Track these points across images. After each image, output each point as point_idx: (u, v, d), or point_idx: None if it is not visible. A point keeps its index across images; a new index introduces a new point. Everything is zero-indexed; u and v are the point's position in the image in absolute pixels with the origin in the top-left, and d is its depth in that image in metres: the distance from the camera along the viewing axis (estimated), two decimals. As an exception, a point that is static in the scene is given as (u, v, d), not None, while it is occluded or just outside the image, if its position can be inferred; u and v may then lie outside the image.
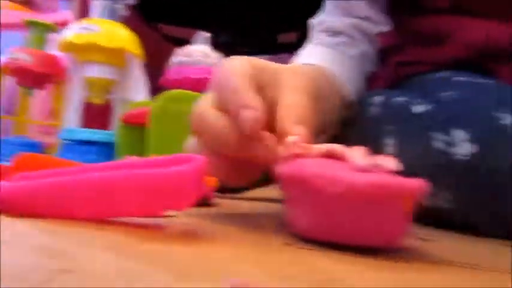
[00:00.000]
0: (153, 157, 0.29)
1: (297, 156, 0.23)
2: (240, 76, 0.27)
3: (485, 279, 0.20)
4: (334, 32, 0.52)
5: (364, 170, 0.22)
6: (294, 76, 0.30)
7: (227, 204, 0.47)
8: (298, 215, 0.23)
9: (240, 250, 0.19)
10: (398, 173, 0.24)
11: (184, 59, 0.74)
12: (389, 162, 0.23)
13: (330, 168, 0.22)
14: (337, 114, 0.47)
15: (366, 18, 0.52)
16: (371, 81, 0.56)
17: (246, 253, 0.19)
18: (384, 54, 0.56)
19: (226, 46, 1.38)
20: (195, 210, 0.35)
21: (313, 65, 0.45)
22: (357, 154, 0.22)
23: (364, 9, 0.52)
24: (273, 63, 0.32)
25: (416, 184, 0.22)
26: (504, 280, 0.20)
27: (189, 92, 0.67)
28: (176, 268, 0.14)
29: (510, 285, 0.19)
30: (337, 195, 0.21)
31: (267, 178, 0.58)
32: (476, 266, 0.23)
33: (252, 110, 0.24)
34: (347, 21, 0.51)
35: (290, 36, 1.39)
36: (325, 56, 0.48)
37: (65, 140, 0.85)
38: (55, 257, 0.13)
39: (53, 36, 1.12)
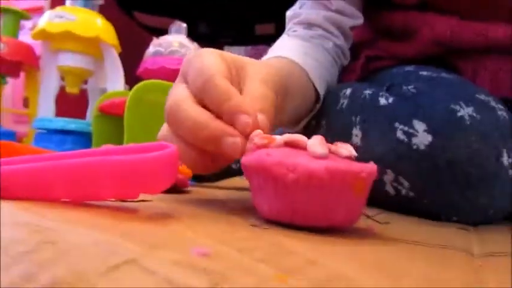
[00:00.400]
0: (127, 145, 0.30)
1: (260, 146, 0.25)
2: (221, 74, 0.28)
3: (429, 252, 0.23)
4: (310, 25, 0.53)
5: (321, 157, 0.23)
6: (260, 69, 0.32)
7: (201, 191, 0.49)
8: (262, 201, 0.25)
9: (208, 229, 0.21)
10: (355, 158, 0.26)
11: (160, 49, 0.74)
12: (345, 149, 0.25)
13: (290, 157, 0.23)
14: (308, 107, 0.49)
15: (341, 12, 0.54)
16: (344, 74, 0.58)
17: (213, 231, 0.20)
18: (356, 49, 0.58)
19: (204, 37, 1.39)
20: (170, 196, 0.36)
21: (285, 58, 0.47)
22: (315, 142, 0.24)
23: (340, 3, 0.54)
24: (242, 56, 0.33)
25: (368, 169, 0.24)
26: (445, 254, 0.23)
27: (165, 82, 0.68)
28: (148, 241, 0.16)
29: (448, 256, 0.22)
30: (296, 181, 0.23)
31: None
32: (424, 243, 0.25)
33: (249, 116, 0.27)
34: (323, 14, 0.53)
35: (268, 28, 1.41)
36: (299, 48, 0.50)
37: (40, 129, 0.84)
38: (39, 232, 0.15)
39: (26, 24, 1.11)
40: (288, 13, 0.56)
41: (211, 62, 0.29)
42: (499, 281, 0.18)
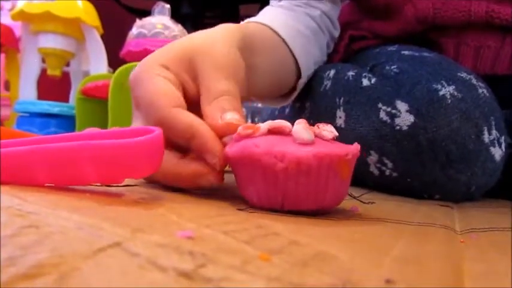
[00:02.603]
0: (112, 129, 0.29)
1: (244, 136, 0.25)
2: (172, 103, 0.27)
3: (412, 229, 0.23)
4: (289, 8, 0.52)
5: (308, 143, 0.24)
6: (213, 57, 0.30)
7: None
8: (250, 191, 0.25)
9: (194, 213, 0.21)
10: (337, 138, 0.26)
11: (143, 30, 0.73)
12: (328, 131, 0.25)
13: (277, 145, 0.23)
14: (288, 74, 0.47)
15: None
16: (328, 55, 0.58)
17: (198, 215, 0.21)
18: (342, 30, 0.58)
19: (187, 17, 1.36)
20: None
21: (255, 22, 0.44)
22: (300, 128, 0.24)
23: None
24: (189, 42, 0.31)
25: (353, 150, 0.24)
26: (427, 231, 0.23)
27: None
28: (133, 225, 0.15)
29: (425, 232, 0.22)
30: (285, 170, 0.23)
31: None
32: (407, 221, 0.26)
33: (214, 155, 0.26)
34: None
35: (253, 8, 1.39)
36: (278, 16, 0.48)
37: (22, 112, 0.83)
38: (21, 216, 0.15)
39: (5, 4, 1.07)
40: None
41: (157, 89, 0.28)
42: (479, 256, 0.18)
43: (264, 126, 0.25)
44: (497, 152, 0.39)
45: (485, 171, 0.39)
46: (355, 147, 0.24)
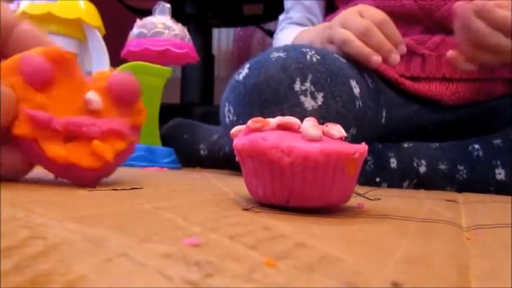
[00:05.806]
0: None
1: (253, 130, 0.25)
2: None
3: (418, 226, 0.23)
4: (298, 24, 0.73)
5: (315, 139, 0.24)
6: None
7: (191, 175, 0.49)
8: (256, 185, 0.25)
9: (200, 215, 0.21)
10: (344, 139, 0.26)
11: (144, 30, 0.73)
12: (336, 131, 0.26)
13: (285, 140, 0.24)
14: None
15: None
16: None
17: (204, 218, 0.21)
18: None
19: (191, 17, 1.36)
20: (162, 182, 0.36)
21: None
22: (308, 125, 0.24)
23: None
24: None
25: (360, 149, 0.24)
26: (433, 228, 0.23)
27: (146, 63, 0.67)
28: (139, 233, 0.16)
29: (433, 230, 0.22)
30: (292, 165, 0.23)
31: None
32: (413, 218, 0.26)
33: None
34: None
35: (256, 8, 1.38)
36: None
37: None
38: (28, 227, 0.15)
39: (9, 6, 1.08)
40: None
41: None
42: (485, 254, 0.18)
43: (274, 121, 0.25)
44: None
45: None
46: (363, 147, 0.25)
